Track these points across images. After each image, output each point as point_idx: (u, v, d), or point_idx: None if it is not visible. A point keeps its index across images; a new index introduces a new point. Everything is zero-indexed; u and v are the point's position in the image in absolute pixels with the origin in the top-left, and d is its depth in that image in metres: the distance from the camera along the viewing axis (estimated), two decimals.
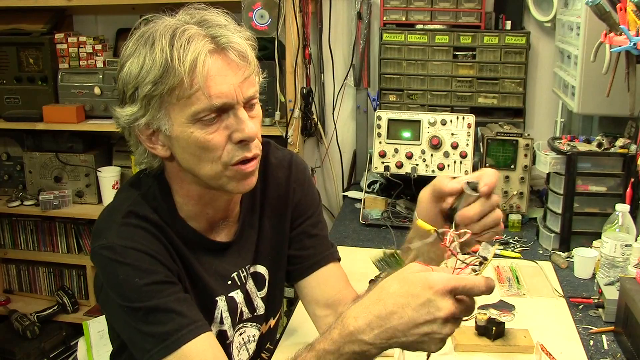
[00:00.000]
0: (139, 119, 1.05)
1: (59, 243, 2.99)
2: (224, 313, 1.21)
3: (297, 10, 2.46)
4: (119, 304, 1.05)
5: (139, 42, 1.03)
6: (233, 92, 1.02)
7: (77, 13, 2.94)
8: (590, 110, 2.00)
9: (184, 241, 1.14)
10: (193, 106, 1.01)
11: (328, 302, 1.30)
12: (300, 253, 1.32)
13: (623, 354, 1.39)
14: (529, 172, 2.10)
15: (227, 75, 1.02)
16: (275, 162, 1.29)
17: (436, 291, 0.81)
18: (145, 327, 1.03)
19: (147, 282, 1.04)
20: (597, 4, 1.51)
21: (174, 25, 1.02)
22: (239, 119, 1.04)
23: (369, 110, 2.67)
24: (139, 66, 1.01)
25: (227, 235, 1.23)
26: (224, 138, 1.04)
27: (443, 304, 0.81)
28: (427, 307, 0.81)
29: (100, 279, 1.12)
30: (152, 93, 1.01)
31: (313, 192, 1.36)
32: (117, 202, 1.15)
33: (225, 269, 1.22)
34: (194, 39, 1.00)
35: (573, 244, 1.89)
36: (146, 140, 1.09)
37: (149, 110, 1.03)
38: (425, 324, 0.82)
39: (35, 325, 2.83)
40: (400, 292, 0.84)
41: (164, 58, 0.99)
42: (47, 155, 2.85)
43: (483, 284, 0.82)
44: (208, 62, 1.00)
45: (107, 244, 1.06)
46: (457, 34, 2.40)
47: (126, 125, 1.08)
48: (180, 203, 1.15)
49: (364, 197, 2.27)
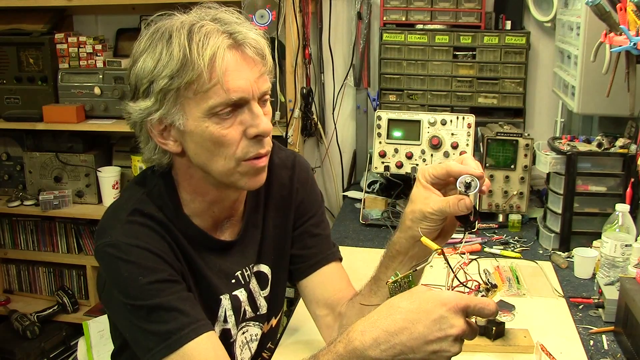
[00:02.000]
0: (152, 113, 1.05)
1: (59, 243, 2.99)
2: (227, 311, 1.21)
3: (297, 10, 2.46)
4: (122, 301, 1.05)
5: (153, 37, 1.03)
6: (249, 87, 1.03)
7: (77, 13, 2.94)
8: (590, 110, 2.00)
9: (188, 240, 1.14)
10: (210, 100, 1.01)
11: (329, 301, 1.30)
12: (302, 252, 1.32)
13: (623, 354, 1.39)
14: (529, 172, 2.10)
15: (244, 71, 1.03)
16: (279, 162, 1.30)
17: (449, 308, 0.81)
18: (148, 325, 1.03)
19: (151, 281, 1.04)
20: (597, 4, 1.51)
21: (191, 21, 1.03)
22: (254, 114, 1.05)
23: (369, 110, 2.67)
24: (154, 61, 1.02)
25: (231, 234, 1.24)
26: (238, 133, 1.05)
27: (456, 321, 0.81)
28: (439, 323, 0.81)
29: (103, 276, 1.12)
30: (168, 87, 1.01)
31: (315, 192, 1.37)
32: (122, 200, 1.16)
33: (229, 268, 1.22)
34: (212, 34, 1.01)
35: (573, 244, 1.89)
36: (158, 136, 1.09)
37: (164, 104, 1.03)
38: (436, 341, 0.81)
39: (35, 325, 2.83)
40: (411, 308, 0.83)
41: (182, 52, 0.99)
42: (47, 155, 2.85)
43: (493, 306, 0.83)
44: (227, 56, 1.00)
45: (111, 242, 1.06)
46: (457, 34, 2.40)
47: (138, 120, 1.07)
48: (186, 200, 1.15)
49: (364, 197, 2.27)
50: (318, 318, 1.32)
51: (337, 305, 1.29)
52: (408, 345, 0.82)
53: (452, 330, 0.81)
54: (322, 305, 1.31)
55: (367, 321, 0.86)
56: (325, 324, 1.31)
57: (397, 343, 0.82)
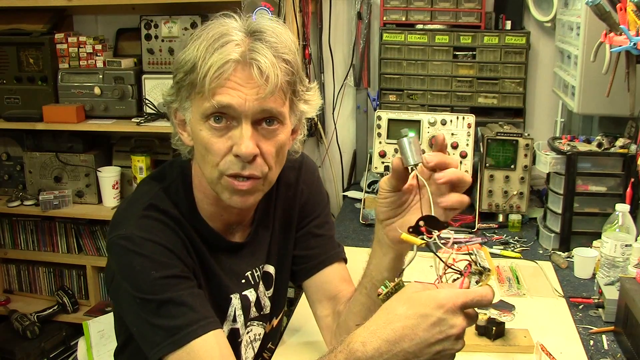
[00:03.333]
0: (172, 102, 1.10)
1: (59, 243, 2.98)
2: (237, 311, 1.22)
3: (297, 10, 2.46)
4: (132, 294, 1.05)
5: (199, 33, 1.06)
6: (243, 102, 1.01)
7: (77, 13, 2.94)
8: (590, 110, 2.00)
9: (201, 238, 1.15)
10: (203, 104, 1.03)
11: (331, 302, 1.30)
12: (305, 253, 1.33)
13: (623, 354, 1.39)
14: (529, 172, 2.10)
15: (243, 86, 1.01)
16: (287, 164, 1.29)
17: (447, 310, 0.81)
18: (157, 319, 1.04)
19: (163, 275, 1.04)
20: (597, 4, 1.51)
21: (226, 31, 1.03)
22: (241, 134, 1.03)
23: (369, 110, 2.67)
24: (184, 54, 1.05)
25: (242, 236, 1.25)
26: (225, 147, 1.04)
27: (455, 321, 0.81)
28: (439, 326, 0.81)
29: (112, 269, 1.12)
30: (182, 82, 1.05)
31: (321, 193, 1.37)
32: (138, 194, 1.16)
33: (240, 268, 1.23)
34: (227, 46, 1.01)
35: (573, 244, 1.89)
36: (178, 125, 1.13)
37: (178, 96, 1.08)
38: (438, 343, 0.81)
39: (35, 325, 2.83)
40: (408, 314, 0.82)
41: (195, 56, 1.02)
42: (47, 155, 2.85)
43: (491, 293, 0.82)
44: (228, 68, 1.00)
45: (125, 234, 1.06)
46: (457, 34, 2.40)
47: (166, 104, 1.13)
48: (200, 200, 1.17)
49: (364, 197, 2.26)
50: (319, 319, 1.32)
51: (337, 305, 1.29)
52: (411, 352, 0.82)
53: (452, 331, 0.81)
54: (324, 305, 1.31)
55: (367, 331, 0.85)
56: (325, 325, 1.31)
57: (400, 351, 0.82)
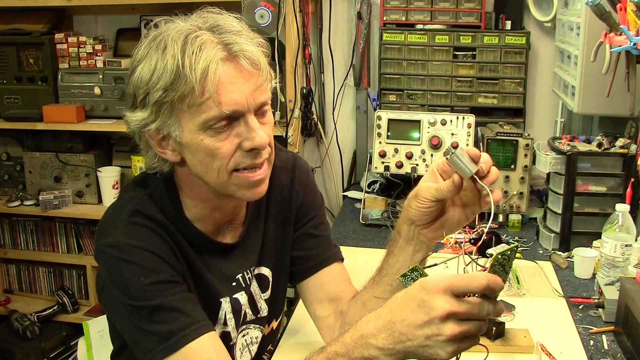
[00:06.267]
0: (149, 124, 1.04)
1: (59, 243, 2.99)
2: (227, 314, 1.21)
3: (297, 10, 2.46)
4: (123, 302, 1.05)
5: (150, 46, 1.02)
6: (244, 100, 1.01)
7: (77, 13, 2.94)
8: (590, 110, 2.00)
9: (189, 242, 1.14)
10: (204, 114, 1.00)
11: (331, 302, 1.30)
12: (302, 254, 1.32)
13: (623, 354, 1.39)
14: (529, 172, 2.10)
15: (238, 83, 1.01)
16: (279, 164, 1.29)
17: (428, 291, 0.82)
18: (149, 325, 1.03)
19: (153, 281, 1.04)
20: (597, 4, 1.51)
21: (187, 30, 1.01)
22: (250, 127, 1.03)
23: (369, 110, 2.67)
24: (150, 71, 1.00)
25: (233, 237, 1.24)
26: (233, 146, 1.04)
27: (436, 302, 0.81)
28: (422, 307, 0.82)
29: (102, 277, 1.12)
30: (162, 99, 1.01)
31: (315, 194, 1.37)
32: (123, 200, 1.15)
33: (230, 270, 1.22)
34: (206, 45, 0.99)
35: (573, 244, 1.89)
36: (156, 145, 1.08)
37: (159, 116, 1.03)
38: (425, 326, 0.82)
39: (35, 325, 2.83)
40: (402, 297, 0.86)
41: (175, 65, 0.98)
42: (47, 155, 2.85)
43: (482, 277, 0.81)
44: (219, 70, 0.99)
45: (112, 242, 1.06)
46: (457, 34, 2.40)
47: (137, 130, 1.07)
48: (188, 204, 1.15)
49: (364, 197, 2.26)
50: (319, 319, 1.32)
51: (339, 305, 1.29)
52: (403, 332, 0.84)
53: (434, 312, 0.81)
54: (324, 306, 1.31)
55: (373, 313, 0.89)
56: (326, 325, 1.31)
57: (395, 331, 0.84)
